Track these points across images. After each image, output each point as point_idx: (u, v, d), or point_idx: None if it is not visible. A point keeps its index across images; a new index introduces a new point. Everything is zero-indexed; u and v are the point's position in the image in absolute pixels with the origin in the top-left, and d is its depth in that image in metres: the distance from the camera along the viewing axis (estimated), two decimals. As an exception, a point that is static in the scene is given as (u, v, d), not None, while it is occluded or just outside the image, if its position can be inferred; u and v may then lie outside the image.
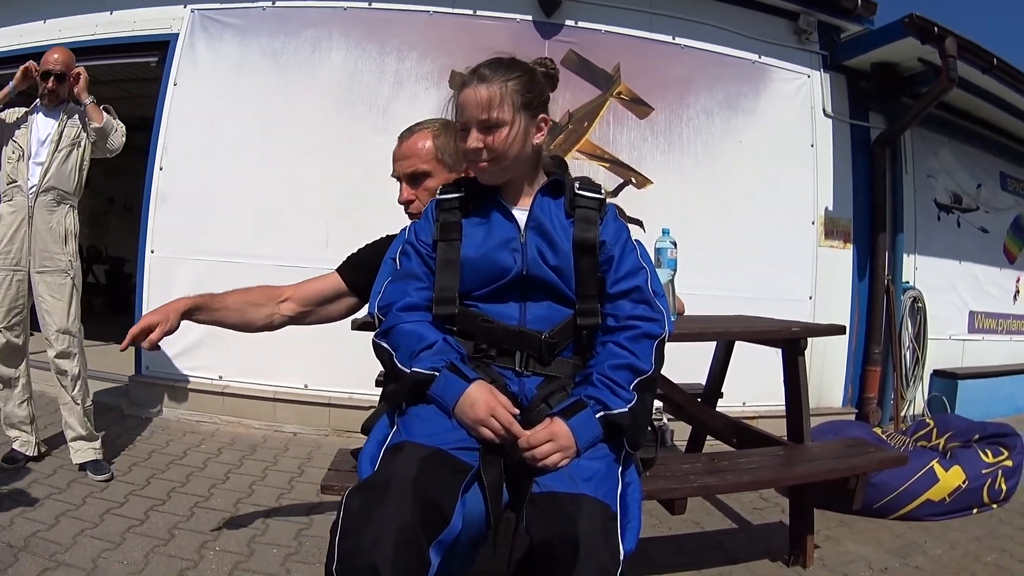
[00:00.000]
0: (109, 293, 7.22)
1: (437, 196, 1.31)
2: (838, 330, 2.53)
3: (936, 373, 4.85)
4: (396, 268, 1.28)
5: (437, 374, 1.13)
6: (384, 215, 3.42)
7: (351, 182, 3.52)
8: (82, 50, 3.84)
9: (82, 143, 2.70)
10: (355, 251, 1.76)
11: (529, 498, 1.07)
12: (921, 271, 4.69)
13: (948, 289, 4.96)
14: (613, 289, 1.24)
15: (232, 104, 3.58)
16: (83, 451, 2.59)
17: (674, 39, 3.88)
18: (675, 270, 1.97)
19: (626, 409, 1.15)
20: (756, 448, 2.21)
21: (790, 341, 2.28)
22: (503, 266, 1.22)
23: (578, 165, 3.62)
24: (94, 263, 7.26)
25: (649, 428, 1.29)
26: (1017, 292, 5.76)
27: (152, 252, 3.59)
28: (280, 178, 3.55)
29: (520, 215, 1.26)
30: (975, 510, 2.82)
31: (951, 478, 2.75)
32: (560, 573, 0.98)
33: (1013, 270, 5.71)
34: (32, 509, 2.17)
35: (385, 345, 1.20)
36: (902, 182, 4.52)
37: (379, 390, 3.07)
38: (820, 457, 2.13)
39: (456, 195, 1.29)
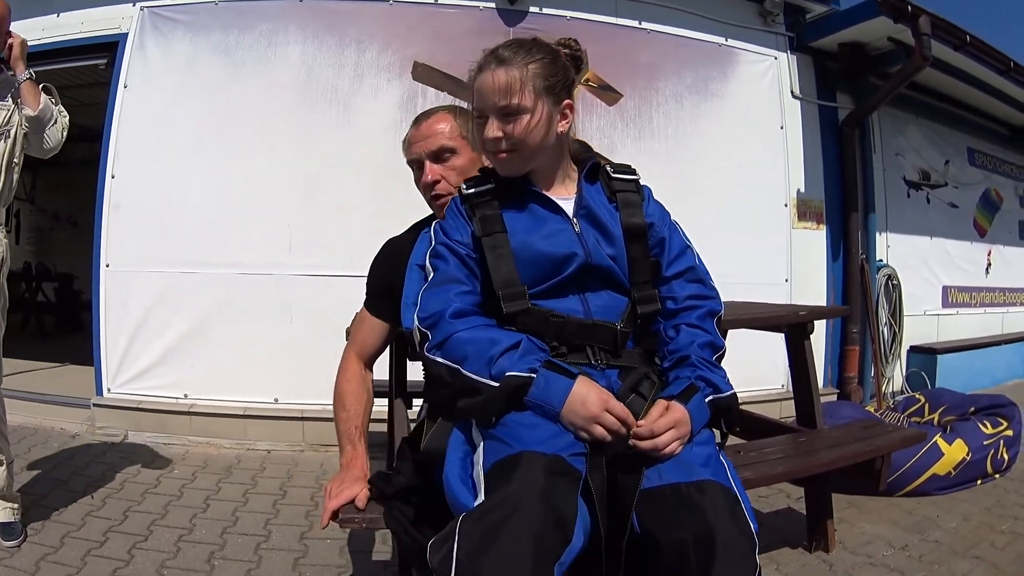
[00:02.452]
0: (59, 312, 7.07)
1: (463, 191, 1.24)
2: (843, 311, 2.60)
3: (913, 349, 5.02)
4: (430, 274, 1.19)
5: (535, 375, 1.04)
6: (348, 215, 3.45)
7: (313, 182, 3.50)
8: (29, 56, 3.77)
9: (12, 133, 2.13)
10: (369, 277, 1.64)
11: (642, 496, 1.01)
12: (894, 249, 4.85)
13: (921, 265, 5.14)
14: (669, 271, 1.23)
15: (185, 105, 3.51)
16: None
17: (640, 24, 3.93)
18: None
19: (733, 391, 1.15)
20: (771, 436, 2.22)
21: (796, 326, 2.32)
22: (563, 257, 1.15)
23: None
24: (43, 281, 7.13)
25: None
26: (989, 265, 6.00)
27: (107, 266, 3.50)
28: (238, 180, 3.49)
29: (565, 204, 1.21)
30: (979, 481, 2.93)
31: (955, 451, 2.84)
32: (699, 570, 0.93)
33: (984, 243, 5.94)
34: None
35: (442, 360, 1.09)
36: (871, 161, 4.66)
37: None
38: (843, 441, 2.14)
39: (487, 187, 1.22)
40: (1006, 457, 3.01)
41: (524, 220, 1.19)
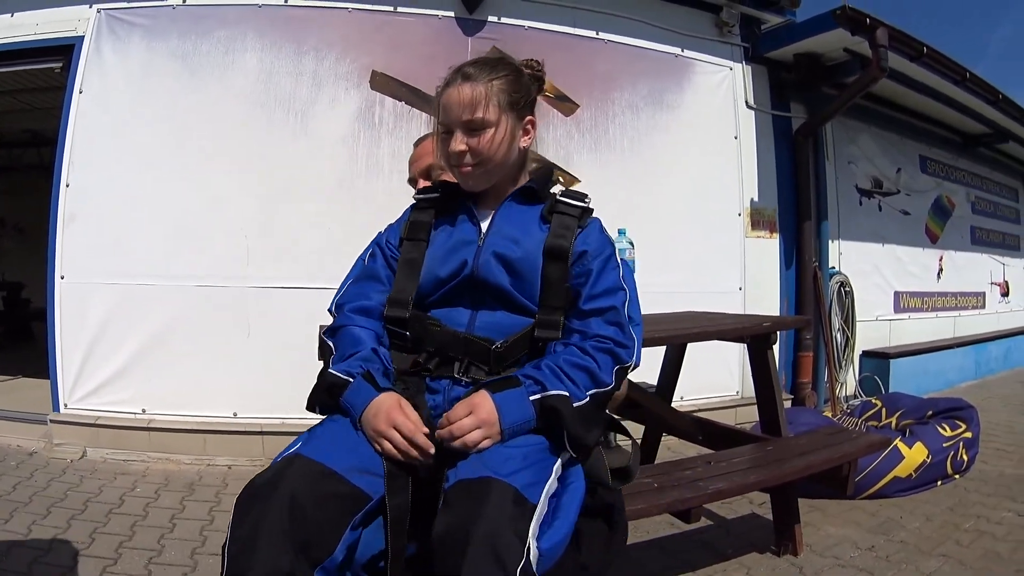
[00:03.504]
0: (8, 321, 6.90)
1: (414, 196, 1.32)
2: (805, 322, 2.69)
3: (866, 354, 5.21)
4: (362, 267, 1.29)
5: (351, 380, 1.11)
6: (307, 227, 3.47)
7: (271, 192, 3.52)
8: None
9: None
10: None
11: (443, 497, 0.98)
12: (846, 256, 5.03)
13: (873, 272, 5.34)
14: (587, 306, 1.18)
15: (141, 112, 3.50)
16: None
17: (598, 34, 4.03)
18: (633, 271, 2.05)
19: (565, 392, 1.07)
20: (737, 445, 2.29)
21: (759, 337, 2.39)
22: (453, 268, 1.19)
23: None
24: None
25: (624, 435, 1.26)
26: (940, 270, 6.23)
27: (62, 278, 3.46)
28: (195, 190, 3.49)
29: (486, 217, 1.25)
30: (940, 482, 3.05)
31: (915, 454, 2.95)
32: (450, 562, 0.88)
33: (936, 249, 6.18)
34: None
35: (330, 343, 1.20)
36: (824, 170, 4.84)
37: (316, 416, 3.04)
38: (811, 448, 2.21)
39: (432, 196, 1.30)
40: (966, 458, 3.16)
41: (445, 231, 1.25)
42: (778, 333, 4.43)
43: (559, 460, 1.05)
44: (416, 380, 1.17)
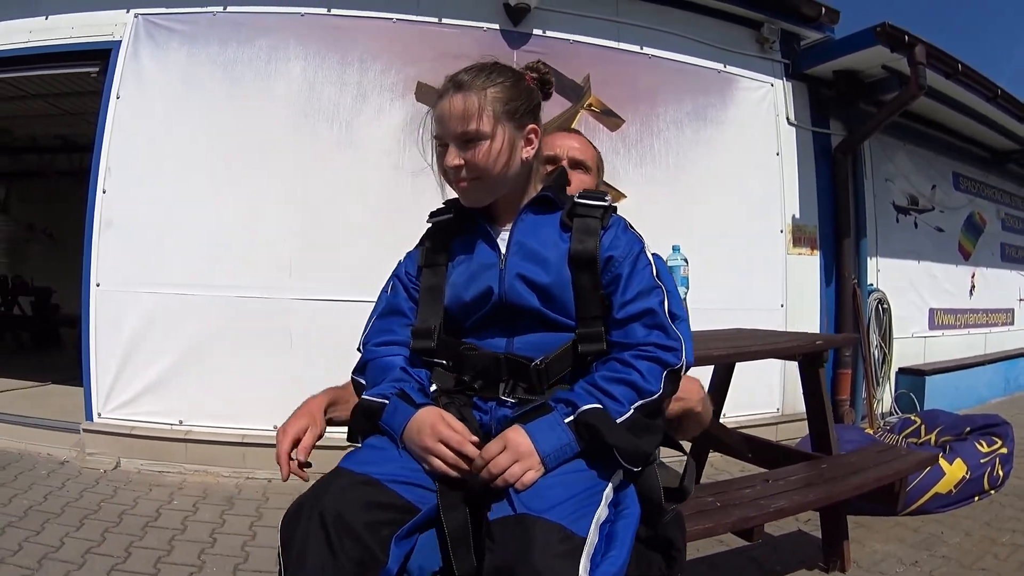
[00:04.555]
0: (36, 326, 6.91)
1: (428, 220, 1.28)
2: (854, 340, 2.68)
3: (902, 371, 5.18)
4: (384, 302, 1.26)
5: (387, 402, 1.08)
6: (350, 240, 3.53)
7: (314, 204, 3.49)
8: (14, 60, 3.67)
9: None
10: None
11: (487, 530, 0.93)
12: (883, 273, 5.01)
13: (908, 289, 5.31)
14: (621, 313, 1.10)
15: (180, 119, 3.48)
16: None
17: (642, 49, 4.02)
18: (688, 288, 2.01)
19: (599, 405, 1.01)
20: (786, 463, 2.29)
21: (810, 355, 2.40)
22: (478, 294, 1.14)
23: None
24: (19, 295, 6.98)
25: (681, 452, 1.20)
26: (972, 287, 6.21)
27: (98, 286, 3.43)
28: (236, 200, 3.47)
29: (504, 236, 1.19)
30: (977, 498, 3.09)
31: (955, 470, 2.99)
32: None
33: (968, 266, 6.16)
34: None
35: (361, 381, 1.20)
36: (863, 187, 4.82)
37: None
38: (864, 466, 2.22)
39: (446, 217, 1.24)
40: (1001, 474, 3.20)
41: (464, 254, 1.20)
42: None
43: (609, 485, 0.99)
44: (462, 397, 1.13)
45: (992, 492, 3.16)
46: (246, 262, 3.45)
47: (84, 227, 3.47)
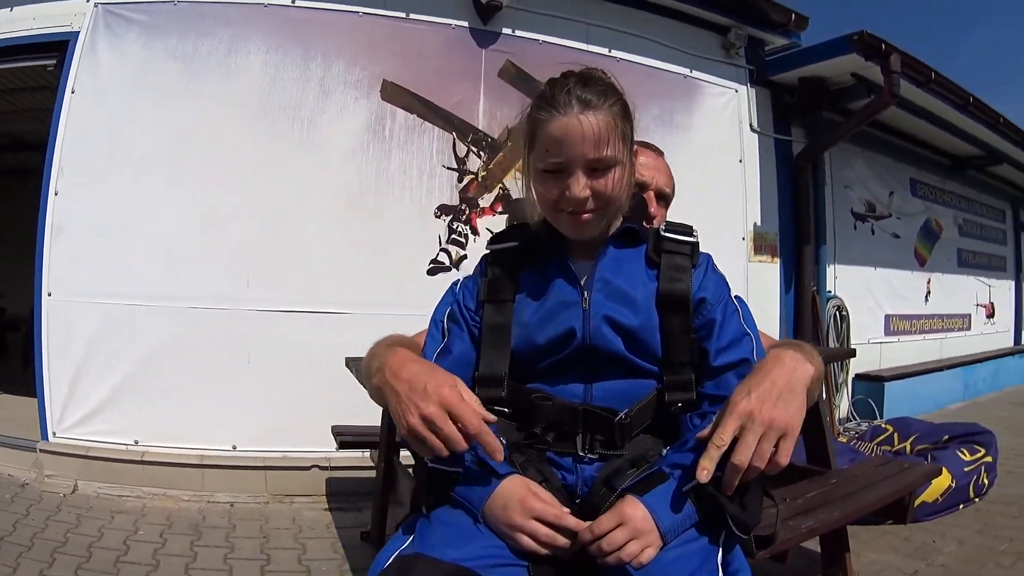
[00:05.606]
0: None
1: (488, 247, 1.28)
2: (850, 353, 3.06)
3: (859, 377, 5.89)
4: (439, 339, 1.23)
5: (460, 470, 1.07)
6: (311, 247, 3.75)
7: (273, 208, 3.71)
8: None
9: None
10: None
11: None
12: (841, 280, 5.72)
13: (865, 295, 6.06)
14: (717, 362, 1.13)
15: (137, 116, 3.63)
16: None
17: (610, 51, 4.50)
18: None
19: (719, 472, 1.00)
20: (799, 481, 2.42)
21: None
22: (560, 336, 1.15)
23: (519, 186, 4.11)
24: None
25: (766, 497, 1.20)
26: (928, 292, 7.05)
27: (49, 295, 3.54)
28: (193, 202, 3.63)
29: (584, 270, 1.19)
30: (961, 506, 3.44)
31: (941, 480, 3.27)
32: None
33: (924, 272, 6.99)
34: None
35: None
36: (823, 194, 5.49)
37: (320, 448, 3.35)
38: (874, 480, 2.46)
39: (510, 244, 1.25)
40: (986, 482, 3.60)
41: (537, 289, 1.20)
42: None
43: (719, 549, 1.03)
44: (534, 453, 1.14)
45: (977, 500, 3.51)
46: (202, 270, 3.62)
47: (36, 231, 3.57)
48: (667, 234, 1.21)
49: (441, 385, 1.03)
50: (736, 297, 1.23)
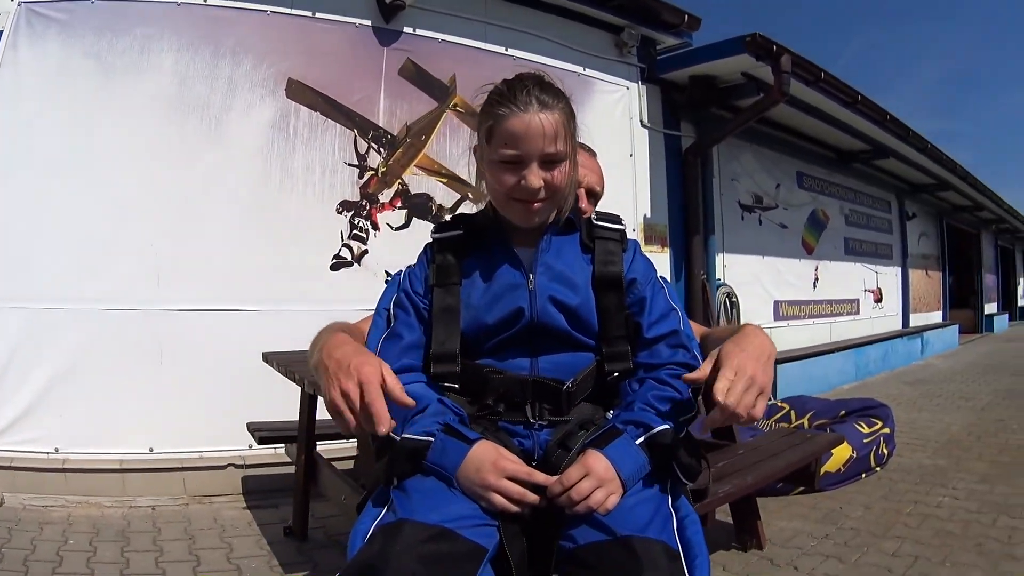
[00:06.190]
0: None
1: (433, 235, 1.46)
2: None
3: (750, 360, 6.70)
4: (392, 321, 1.39)
5: (432, 439, 1.20)
6: (219, 244, 4.07)
7: (183, 206, 3.96)
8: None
9: None
10: None
11: (566, 558, 1.12)
12: (730, 268, 6.53)
13: (754, 283, 6.91)
14: (650, 334, 1.35)
15: (52, 115, 3.81)
16: None
17: (507, 50, 5.10)
18: None
19: (669, 426, 1.23)
20: (707, 453, 2.73)
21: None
22: (509, 315, 1.32)
23: (417, 181, 4.68)
24: None
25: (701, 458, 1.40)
26: (816, 279, 8.03)
27: None
28: (105, 203, 3.82)
29: (526, 255, 1.37)
30: (864, 475, 3.87)
31: (842, 451, 3.71)
32: None
33: (812, 260, 7.96)
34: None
35: None
36: (711, 186, 6.28)
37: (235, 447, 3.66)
38: (780, 449, 2.76)
39: (455, 233, 1.43)
40: (886, 452, 4.07)
41: (482, 272, 1.38)
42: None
43: (669, 496, 1.22)
44: (488, 423, 1.31)
45: (878, 470, 3.96)
46: (114, 271, 3.81)
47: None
48: (599, 223, 1.44)
49: (363, 364, 1.16)
50: (661, 277, 1.46)
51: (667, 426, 1.23)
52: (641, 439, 1.21)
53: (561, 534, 1.14)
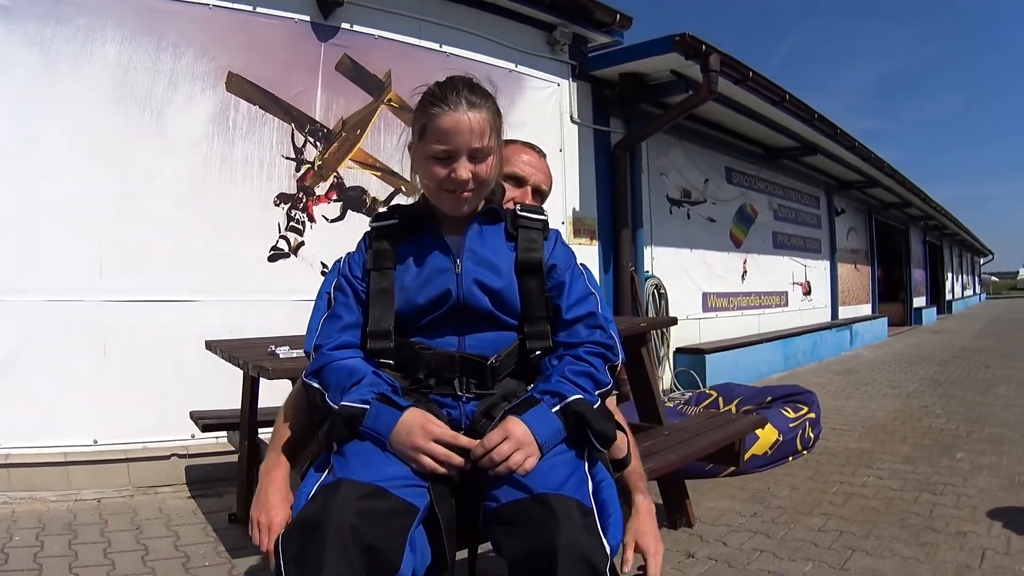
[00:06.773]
0: None
1: (370, 224, 1.62)
2: (672, 321, 3.94)
3: (680, 351, 7.31)
4: (330, 304, 1.56)
5: (368, 407, 1.35)
6: (160, 235, 4.33)
7: (124, 197, 4.18)
8: None
9: None
10: None
11: (491, 517, 1.28)
12: (658, 260, 7.16)
13: (683, 275, 7.56)
14: (568, 315, 1.51)
15: None
16: None
17: (441, 47, 5.58)
18: None
19: (581, 395, 1.39)
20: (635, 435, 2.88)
21: (635, 336, 3.14)
22: (437, 296, 1.48)
23: (352, 175, 5.09)
24: None
25: (620, 430, 1.57)
26: (744, 272, 8.75)
27: None
28: (45, 193, 3.99)
29: (455, 242, 1.53)
30: (791, 458, 4.18)
31: (768, 435, 3.97)
32: None
33: (740, 253, 8.68)
34: None
35: (316, 384, 1.45)
36: (640, 181, 6.89)
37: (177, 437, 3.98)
38: (705, 430, 2.99)
39: (391, 222, 1.58)
40: (812, 436, 4.41)
41: (414, 258, 1.54)
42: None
43: (586, 462, 1.38)
44: (419, 395, 1.46)
45: (805, 453, 4.32)
46: (56, 262, 4.01)
47: None
48: (523, 213, 1.61)
49: (269, 508, 1.40)
50: (582, 264, 1.64)
51: (580, 396, 1.39)
52: (556, 407, 1.37)
53: (486, 495, 1.30)
